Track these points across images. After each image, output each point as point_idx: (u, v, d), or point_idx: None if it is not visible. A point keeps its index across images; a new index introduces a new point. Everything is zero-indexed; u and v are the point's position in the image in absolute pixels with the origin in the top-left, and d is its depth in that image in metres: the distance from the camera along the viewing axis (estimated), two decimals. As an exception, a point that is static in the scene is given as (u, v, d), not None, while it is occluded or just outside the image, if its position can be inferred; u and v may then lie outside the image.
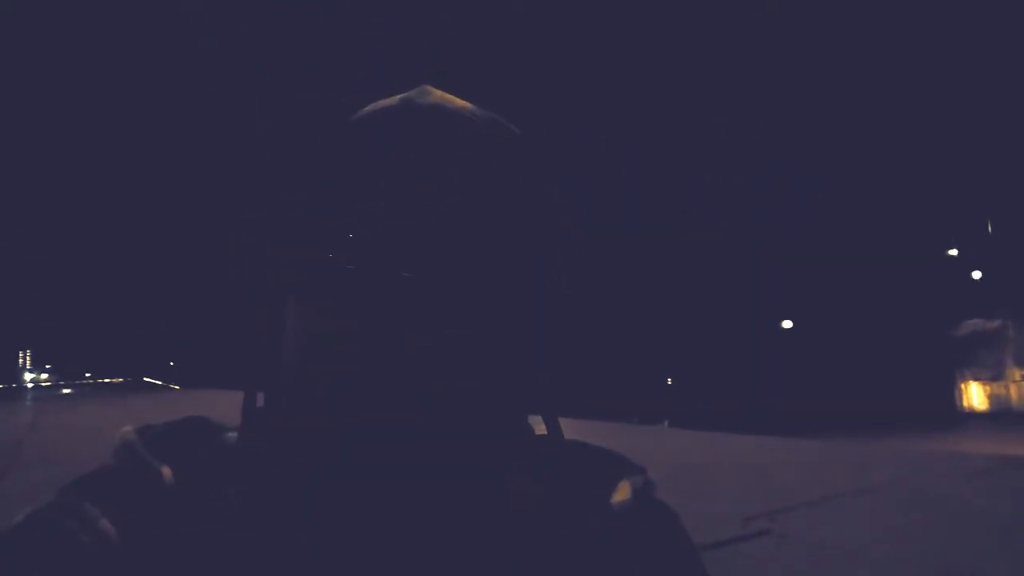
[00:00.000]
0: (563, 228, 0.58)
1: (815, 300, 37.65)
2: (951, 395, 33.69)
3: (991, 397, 33.20)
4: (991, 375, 33.32)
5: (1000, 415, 30.99)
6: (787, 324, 39.03)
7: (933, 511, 5.43)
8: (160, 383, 52.44)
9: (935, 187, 37.62)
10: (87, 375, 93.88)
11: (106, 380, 79.34)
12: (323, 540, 0.53)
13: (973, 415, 32.32)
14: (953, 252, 37.01)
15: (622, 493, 0.60)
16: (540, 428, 0.63)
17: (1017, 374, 32.41)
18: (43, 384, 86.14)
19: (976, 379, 33.73)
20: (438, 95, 0.59)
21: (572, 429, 0.60)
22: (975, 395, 33.76)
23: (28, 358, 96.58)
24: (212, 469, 0.56)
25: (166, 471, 0.55)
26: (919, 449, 10.92)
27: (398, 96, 0.60)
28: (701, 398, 29.13)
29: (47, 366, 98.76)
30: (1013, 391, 32.45)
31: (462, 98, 0.60)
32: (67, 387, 63.61)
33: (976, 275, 35.87)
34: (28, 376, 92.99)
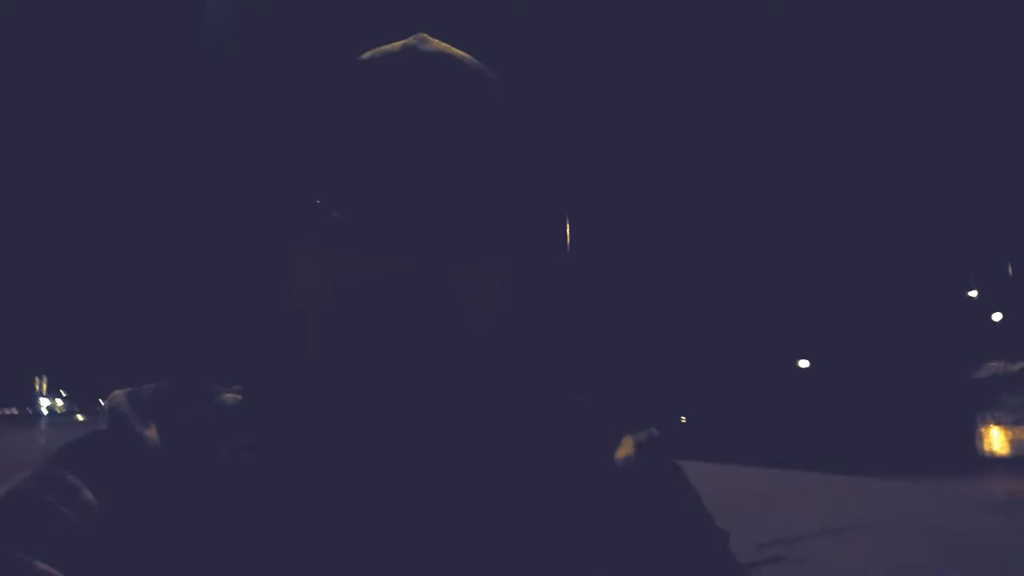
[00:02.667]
0: (549, 219, 0.59)
1: (828, 338, 37.31)
2: (971, 439, 33.09)
3: (1012, 442, 32.55)
4: (1013, 419, 32.72)
5: (1021, 460, 30.36)
6: (804, 364, 38.66)
7: (949, 544, 5.31)
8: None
9: (955, 227, 37.42)
10: (102, 402, 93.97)
11: (120, 408, 79.11)
12: (314, 502, 0.52)
13: (993, 459, 31.69)
14: (973, 293, 36.66)
15: (625, 449, 0.59)
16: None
17: (1040, 418, 31.80)
18: (58, 411, 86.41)
19: (997, 423, 33.12)
20: (437, 43, 0.59)
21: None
22: (995, 439, 33.13)
23: (45, 384, 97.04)
24: (204, 429, 0.54)
25: (151, 434, 0.53)
26: (936, 486, 10.71)
27: (398, 43, 0.59)
28: (713, 430, 28.76)
29: (63, 393, 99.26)
30: (1035, 436, 31.83)
31: None
32: (82, 414, 63.75)
33: (997, 317, 35.46)
34: (44, 402, 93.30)
